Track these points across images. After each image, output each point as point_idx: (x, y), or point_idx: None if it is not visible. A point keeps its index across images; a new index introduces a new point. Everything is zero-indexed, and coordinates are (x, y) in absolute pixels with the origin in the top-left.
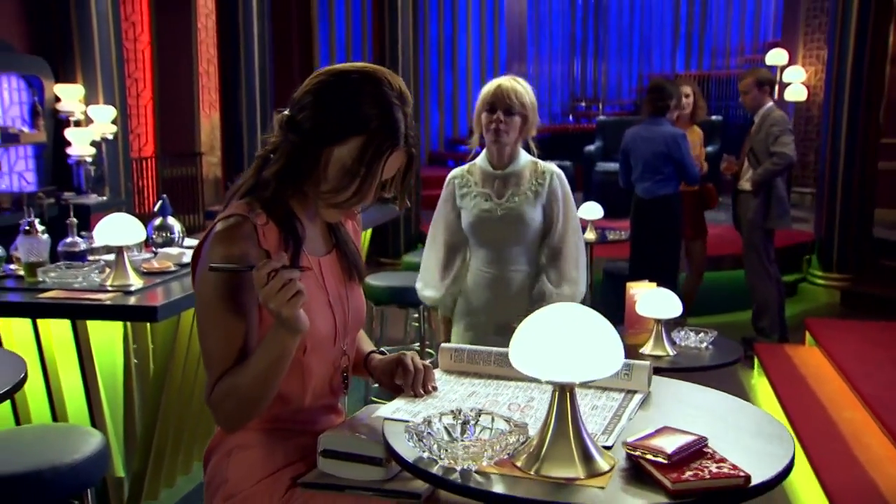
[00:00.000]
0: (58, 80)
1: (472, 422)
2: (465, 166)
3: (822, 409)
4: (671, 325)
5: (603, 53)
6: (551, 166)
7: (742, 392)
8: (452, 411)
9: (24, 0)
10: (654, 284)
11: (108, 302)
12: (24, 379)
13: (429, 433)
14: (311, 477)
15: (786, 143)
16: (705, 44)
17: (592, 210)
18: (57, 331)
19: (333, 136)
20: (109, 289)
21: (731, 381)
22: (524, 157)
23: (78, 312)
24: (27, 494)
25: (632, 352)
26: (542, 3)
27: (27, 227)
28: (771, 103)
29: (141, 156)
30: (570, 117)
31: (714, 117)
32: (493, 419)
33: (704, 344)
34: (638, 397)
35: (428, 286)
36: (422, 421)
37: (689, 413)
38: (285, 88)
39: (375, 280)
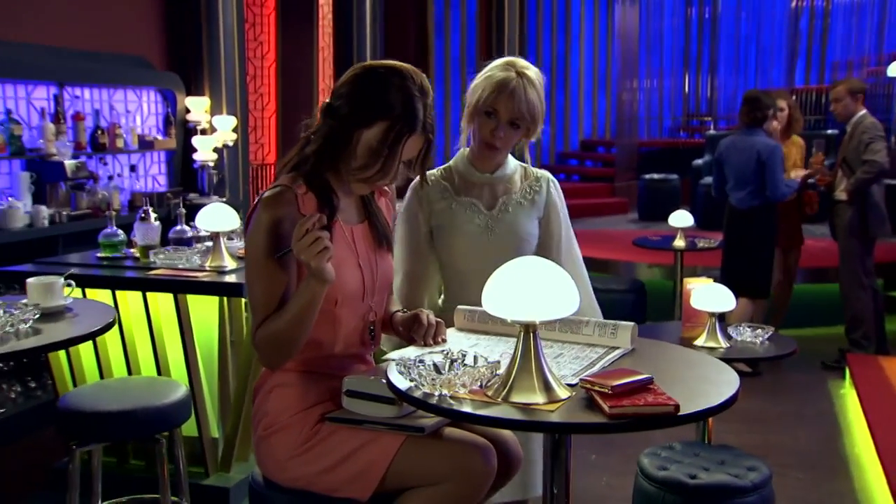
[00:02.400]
0: (188, 94)
1: (459, 360)
2: (437, 170)
3: None
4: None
5: (717, 68)
6: (545, 172)
7: (828, 401)
8: (443, 351)
9: (165, 24)
10: (711, 280)
11: (205, 279)
12: (113, 323)
13: (414, 365)
14: (336, 413)
15: (876, 150)
16: (827, 56)
17: (682, 218)
18: (162, 303)
19: (362, 120)
20: (207, 268)
21: (819, 390)
22: (512, 160)
23: (179, 287)
24: (123, 427)
25: (686, 345)
26: (654, 18)
27: (142, 215)
28: (864, 111)
29: (264, 163)
30: (683, 132)
31: (830, 131)
32: (475, 359)
33: (759, 339)
34: (618, 352)
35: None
36: (415, 357)
37: (658, 364)
38: None
39: None
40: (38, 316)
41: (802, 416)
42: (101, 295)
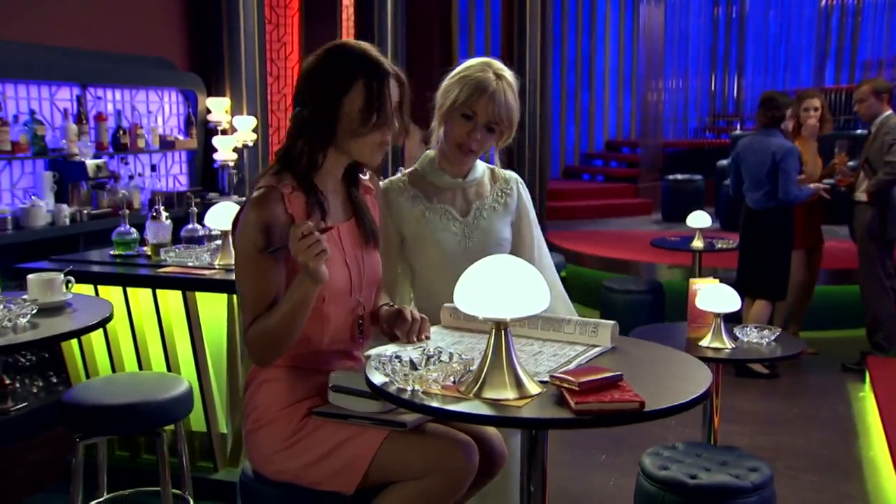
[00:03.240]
0: (209, 94)
1: (435, 357)
2: (403, 175)
3: None
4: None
5: (744, 68)
6: (512, 173)
7: (845, 404)
8: (421, 347)
9: (186, 26)
10: (716, 280)
11: (213, 277)
12: (111, 317)
13: (389, 361)
14: (322, 408)
15: None
16: (858, 56)
17: (701, 219)
18: (172, 300)
19: (340, 88)
20: (216, 266)
21: (838, 393)
22: (480, 163)
23: (187, 285)
24: (124, 420)
25: (691, 345)
26: (681, 17)
27: (154, 214)
28: (889, 112)
29: None
30: (709, 133)
31: (859, 131)
32: (451, 356)
33: (766, 340)
34: (597, 349)
35: None
36: (392, 353)
37: (635, 362)
38: (421, 110)
39: None
40: (35, 311)
41: (818, 418)
42: (113, 292)
